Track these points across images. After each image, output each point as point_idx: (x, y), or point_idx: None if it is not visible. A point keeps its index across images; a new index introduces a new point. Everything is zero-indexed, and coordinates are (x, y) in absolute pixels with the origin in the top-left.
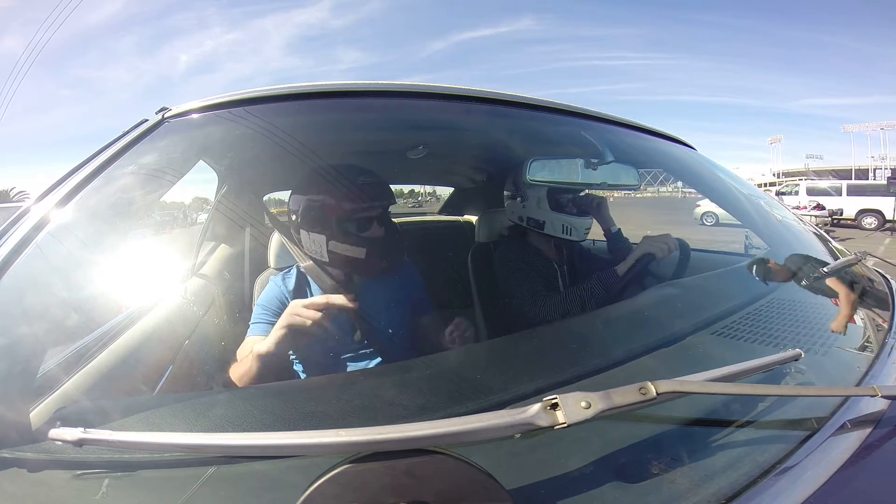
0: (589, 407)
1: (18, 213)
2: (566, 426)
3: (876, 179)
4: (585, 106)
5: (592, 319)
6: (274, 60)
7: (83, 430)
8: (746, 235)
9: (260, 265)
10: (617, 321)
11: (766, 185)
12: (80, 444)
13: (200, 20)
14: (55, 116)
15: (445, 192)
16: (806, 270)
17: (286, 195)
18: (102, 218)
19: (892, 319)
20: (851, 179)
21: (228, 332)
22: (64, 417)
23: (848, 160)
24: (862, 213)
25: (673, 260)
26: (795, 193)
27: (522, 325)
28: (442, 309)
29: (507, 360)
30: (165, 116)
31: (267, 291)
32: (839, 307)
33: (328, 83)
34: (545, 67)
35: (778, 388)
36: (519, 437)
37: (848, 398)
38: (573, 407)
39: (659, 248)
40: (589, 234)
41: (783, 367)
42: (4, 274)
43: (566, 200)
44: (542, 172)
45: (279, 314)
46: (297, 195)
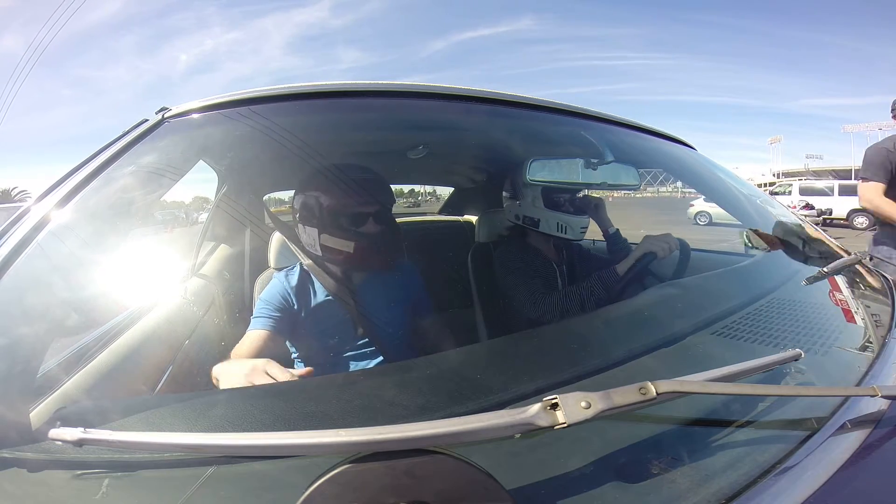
0: (589, 407)
1: (19, 212)
2: (566, 426)
3: None
4: (585, 106)
5: (592, 319)
6: (274, 60)
7: (83, 430)
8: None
9: (260, 265)
10: (617, 321)
11: (765, 185)
12: (80, 444)
13: (200, 20)
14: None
15: (445, 192)
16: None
17: (286, 195)
18: (102, 218)
19: (892, 319)
20: (851, 180)
21: (228, 332)
22: (64, 417)
23: (848, 160)
24: (853, 212)
25: (673, 260)
26: (789, 193)
27: (522, 325)
28: (442, 309)
29: (507, 360)
30: (165, 116)
31: (270, 287)
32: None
33: (328, 83)
34: (545, 67)
35: (778, 388)
36: (519, 437)
37: (848, 398)
38: (573, 407)
39: (660, 247)
40: (586, 233)
41: (783, 367)
42: (4, 274)
43: (561, 199)
44: (541, 172)
45: (281, 309)
46: (297, 194)
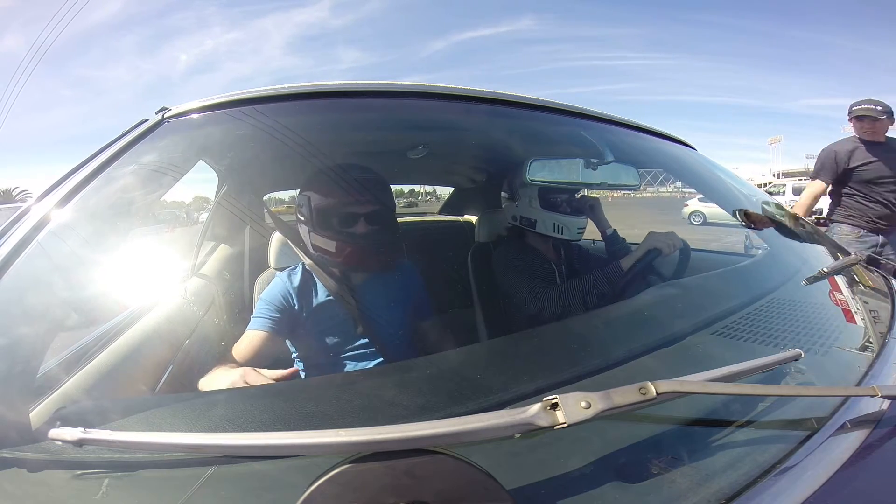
0: (589, 407)
1: (19, 212)
2: (566, 426)
3: None
4: (585, 106)
5: (592, 319)
6: (274, 60)
7: (83, 430)
8: (747, 235)
9: (260, 265)
10: (617, 321)
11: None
12: (80, 444)
13: (200, 19)
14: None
15: (445, 191)
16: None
17: (286, 195)
18: (102, 218)
19: (892, 319)
20: None
21: (228, 332)
22: (64, 417)
23: None
24: None
25: (673, 260)
26: (783, 193)
27: (522, 324)
28: (442, 309)
29: (507, 360)
30: (165, 116)
31: (271, 287)
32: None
33: (328, 83)
34: (545, 67)
35: (778, 388)
36: (519, 437)
37: (848, 398)
38: (573, 407)
39: (664, 243)
40: (584, 233)
41: (783, 367)
42: (5, 274)
43: (558, 199)
44: (541, 172)
45: (281, 310)
46: (298, 193)
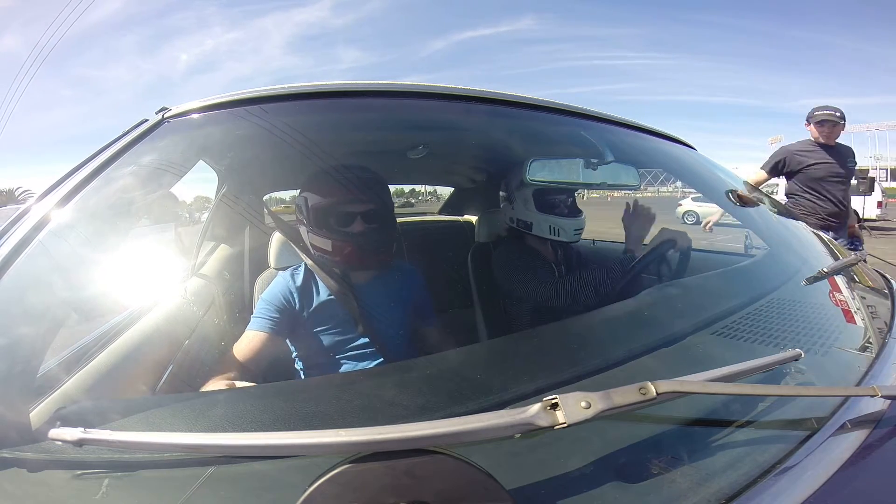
0: (589, 407)
1: (19, 212)
2: (566, 426)
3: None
4: (585, 106)
5: (592, 319)
6: (274, 60)
7: (83, 430)
8: (747, 235)
9: (260, 265)
10: (617, 321)
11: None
12: (80, 444)
13: (200, 19)
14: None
15: (446, 191)
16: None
17: (286, 195)
18: (102, 218)
19: (892, 319)
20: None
21: (228, 332)
22: (64, 417)
23: None
24: None
25: (673, 259)
26: (776, 193)
27: (522, 324)
28: (442, 309)
29: (507, 360)
30: (165, 116)
31: (272, 287)
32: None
33: (328, 83)
34: (545, 67)
35: (778, 388)
36: (519, 437)
37: (848, 398)
38: (573, 407)
39: (678, 236)
40: (581, 235)
41: (783, 367)
42: (5, 273)
43: (554, 201)
44: (541, 172)
45: (281, 310)
46: (298, 194)
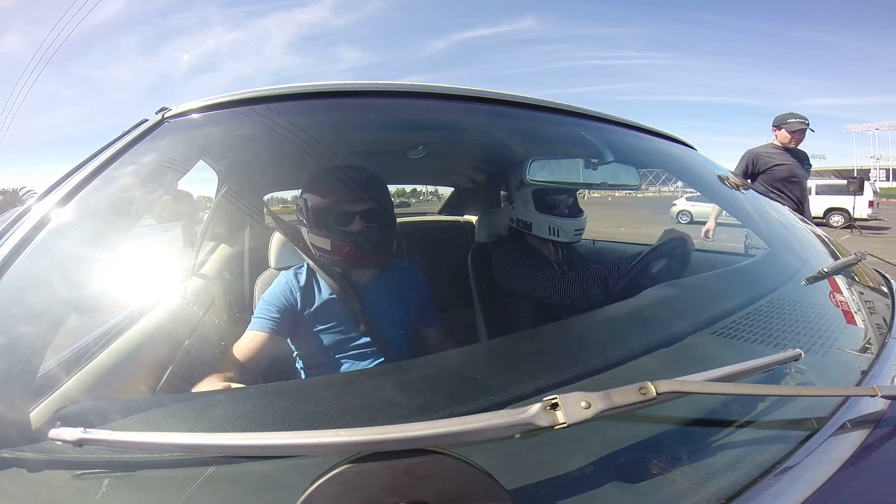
0: (589, 407)
1: (19, 212)
2: (566, 426)
3: (870, 179)
4: (586, 106)
5: (592, 319)
6: (275, 60)
7: (83, 430)
8: (746, 235)
9: (260, 265)
10: (617, 321)
11: None
12: (80, 444)
13: (202, 19)
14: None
15: (447, 192)
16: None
17: (286, 195)
18: (102, 218)
19: (892, 319)
20: (831, 179)
21: (228, 332)
22: (64, 417)
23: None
24: (829, 211)
25: (673, 259)
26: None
27: (523, 324)
28: (442, 309)
29: (507, 360)
30: (165, 116)
31: (273, 287)
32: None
33: (328, 83)
34: (546, 67)
35: (778, 388)
36: (519, 437)
37: (848, 398)
38: (573, 407)
39: (682, 235)
40: (582, 235)
41: (783, 367)
42: (5, 273)
43: (553, 201)
44: (541, 172)
45: (282, 310)
46: (298, 195)
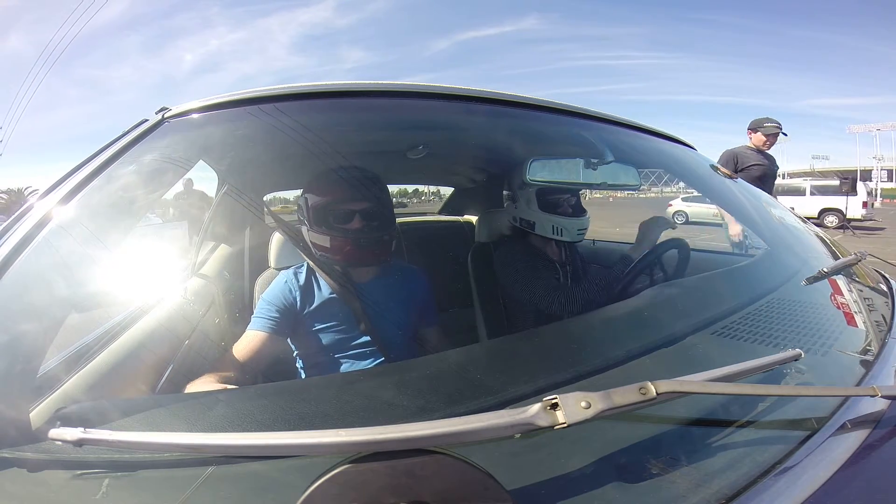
0: (589, 407)
1: (20, 211)
2: (566, 426)
3: (872, 180)
4: (589, 106)
5: (592, 319)
6: (278, 60)
7: (83, 430)
8: (746, 235)
9: (260, 265)
10: (617, 321)
11: None
12: (80, 444)
13: (205, 20)
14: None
15: (448, 192)
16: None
17: (286, 195)
18: (103, 217)
19: (892, 319)
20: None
21: (228, 331)
22: (64, 417)
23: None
24: (824, 211)
25: (673, 259)
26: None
27: (523, 324)
28: (442, 309)
29: (507, 360)
30: (165, 116)
31: (273, 287)
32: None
33: (329, 83)
34: (549, 67)
35: (778, 388)
36: (519, 437)
37: (848, 398)
38: (573, 407)
39: (658, 223)
40: (585, 234)
41: (783, 367)
42: (6, 272)
43: (556, 200)
44: (541, 172)
45: (282, 310)
46: (299, 195)
